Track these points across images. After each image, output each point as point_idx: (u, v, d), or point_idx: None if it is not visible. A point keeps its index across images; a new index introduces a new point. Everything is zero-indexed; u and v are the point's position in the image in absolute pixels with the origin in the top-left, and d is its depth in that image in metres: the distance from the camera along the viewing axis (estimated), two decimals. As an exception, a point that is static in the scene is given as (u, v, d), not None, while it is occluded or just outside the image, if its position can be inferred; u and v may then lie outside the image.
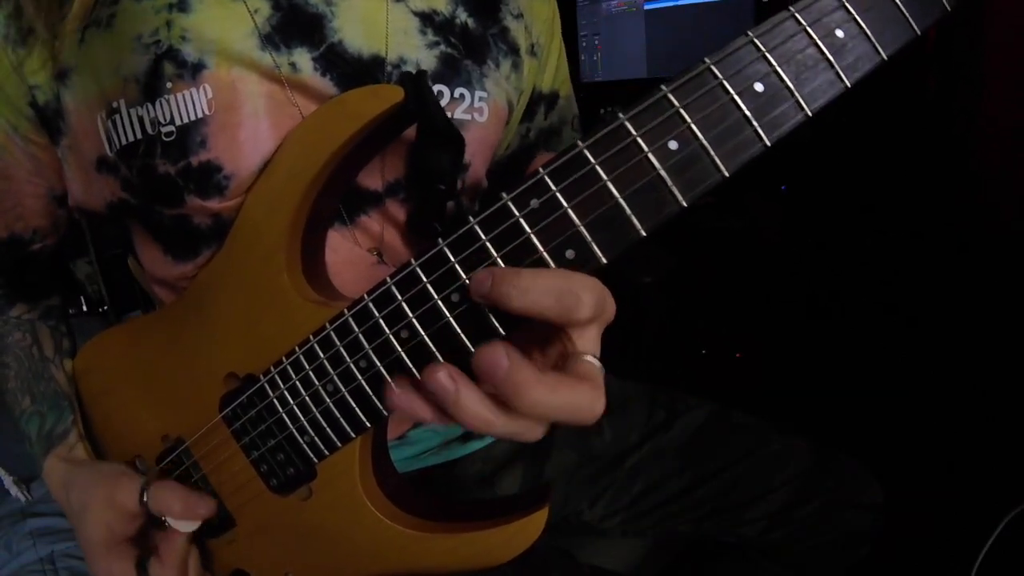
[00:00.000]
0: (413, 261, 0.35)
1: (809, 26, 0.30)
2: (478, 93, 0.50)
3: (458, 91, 0.49)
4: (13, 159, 0.49)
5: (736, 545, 0.74)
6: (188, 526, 0.45)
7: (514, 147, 0.61)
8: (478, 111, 0.50)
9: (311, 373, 0.40)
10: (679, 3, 1.41)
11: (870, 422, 1.23)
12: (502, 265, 0.33)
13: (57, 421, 0.53)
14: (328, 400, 0.40)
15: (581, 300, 0.30)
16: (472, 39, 0.50)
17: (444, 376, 0.31)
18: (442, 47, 0.48)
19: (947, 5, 0.31)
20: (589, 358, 0.32)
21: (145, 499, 0.45)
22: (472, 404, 0.31)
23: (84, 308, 1.74)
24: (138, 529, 0.46)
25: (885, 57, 0.30)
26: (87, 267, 1.71)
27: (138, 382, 0.50)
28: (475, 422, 0.31)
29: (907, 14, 0.30)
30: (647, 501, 0.69)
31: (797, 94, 0.30)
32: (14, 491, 0.93)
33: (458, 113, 0.49)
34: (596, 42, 1.55)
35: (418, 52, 0.47)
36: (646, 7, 1.45)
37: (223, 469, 0.46)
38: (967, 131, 1.25)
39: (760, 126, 0.30)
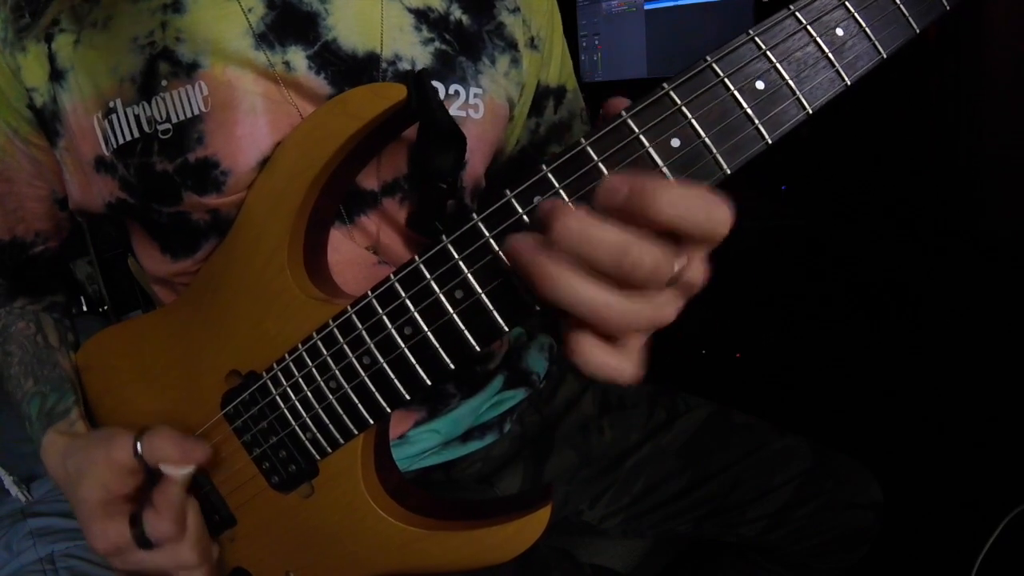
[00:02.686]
0: (417, 258, 0.35)
1: (809, 24, 0.30)
2: (473, 90, 0.50)
3: (453, 88, 0.49)
4: (14, 161, 0.49)
5: (736, 545, 0.74)
6: (182, 471, 0.43)
7: (523, 142, 0.61)
8: (473, 108, 0.50)
9: (314, 369, 0.40)
10: (679, 3, 1.42)
11: (870, 422, 1.23)
12: (507, 263, 0.32)
13: (58, 401, 0.52)
14: (331, 397, 0.40)
15: (726, 212, 0.28)
16: (467, 36, 0.51)
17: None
18: (437, 44, 0.49)
19: (946, 4, 0.31)
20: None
21: (140, 450, 0.43)
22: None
23: (84, 308, 1.74)
24: (135, 486, 0.44)
25: (884, 55, 0.31)
26: (87, 267, 1.72)
27: (138, 380, 0.50)
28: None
29: (906, 13, 0.31)
30: (647, 501, 0.69)
31: (798, 92, 0.30)
32: (14, 491, 0.93)
33: (453, 110, 0.49)
34: (596, 42, 1.55)
35: (413, 49, 0.48)
36: (646, 7, 1.46)
37: (224, 467, 0.46)
38: (968, 131, 1.25)
39: (761, 124, 0.30)
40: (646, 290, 0.29)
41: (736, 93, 0.30)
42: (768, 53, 0.30)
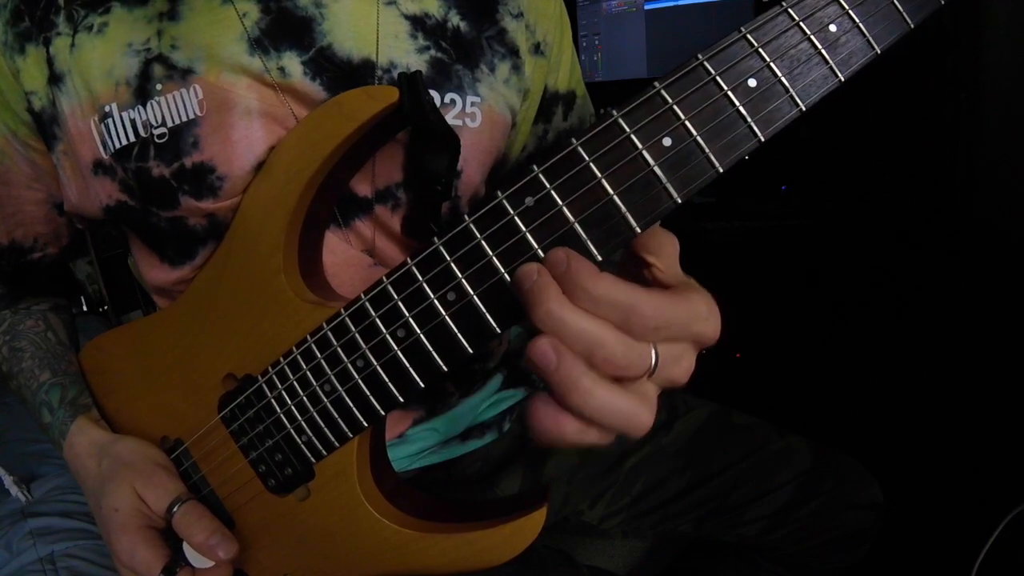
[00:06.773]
0: (409, 260, 0.35)
1: (802, 21, 0.30)
2: (470, 98, 0.49)
3: (448, 96, 0.48)
4: (13, 164, 0.49)
5: (736, 545, 0.74)
6: (201, 561, 0.43)
7: (531, 149, 0.60)
8: (470, 116, 0.49)
9: (308, 373, 0.40)
10: (679, 3, 1.42)
11: (870, 422, 1.22)
12: (499, 265, 0.32)
13: (79, 394, 0.52)
14: (325, 400, 0.40)
15: (713, 324, 0.30)
16: (464, 43, 0.50)
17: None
18: (432, 52, 0.48)
19: (940, -2, 0.31)
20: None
21: (174, 511, 0.44)
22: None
23: (84, 308, 1.74)
24: (164, 528, 0.45)
25: (879, 51, 0.30)
26: (87, 267, 1.72)
27: (136, 384, 0.50)
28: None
29: (900, 8, 0.30)
30: (647, 501, 0.69)
31: (791, 89, 0.30)
32: (14, 491, 0.93)
33: (449, 118, 0.48)
34: (596, 42, 1.55)
35: (408, 56, 0.47)
36: (646, 7, 1.46)
37: (222, 470, 0.46)
38: (968, 131, 1.25)
39: (754, 122, 0.30)
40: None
41: (728, 91, 0.30)
42: (760, 50, 0.30)
